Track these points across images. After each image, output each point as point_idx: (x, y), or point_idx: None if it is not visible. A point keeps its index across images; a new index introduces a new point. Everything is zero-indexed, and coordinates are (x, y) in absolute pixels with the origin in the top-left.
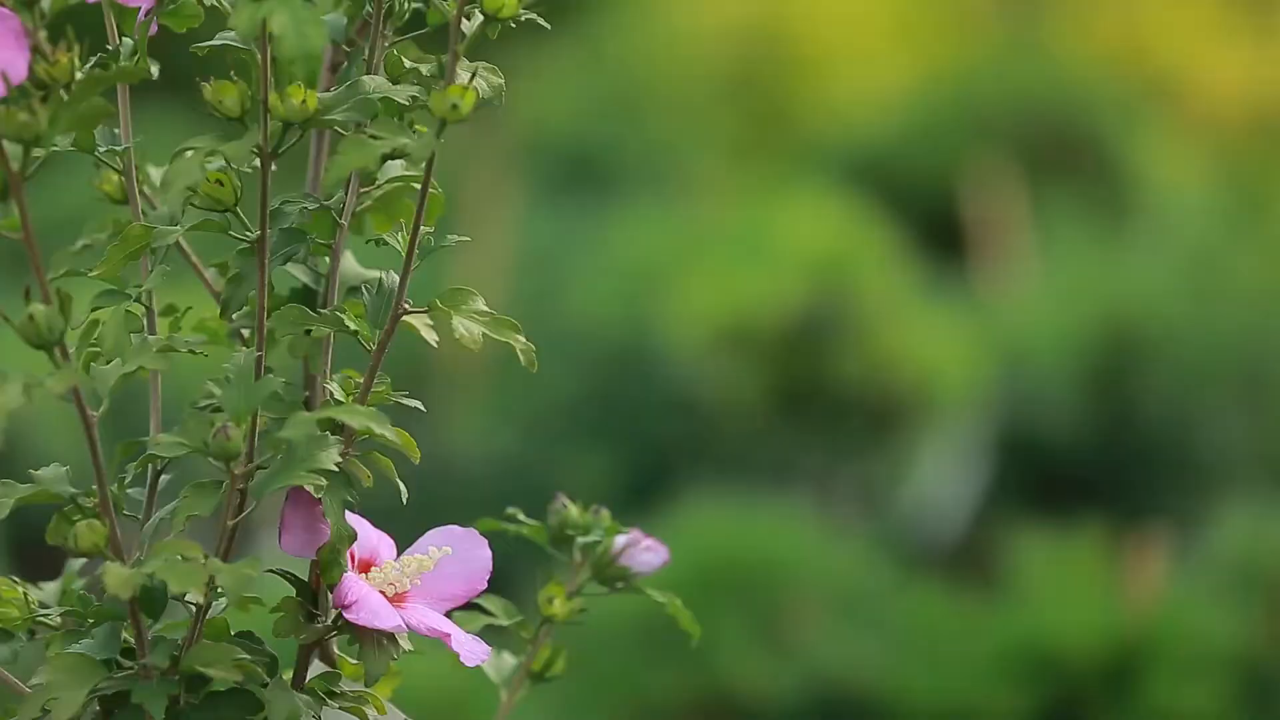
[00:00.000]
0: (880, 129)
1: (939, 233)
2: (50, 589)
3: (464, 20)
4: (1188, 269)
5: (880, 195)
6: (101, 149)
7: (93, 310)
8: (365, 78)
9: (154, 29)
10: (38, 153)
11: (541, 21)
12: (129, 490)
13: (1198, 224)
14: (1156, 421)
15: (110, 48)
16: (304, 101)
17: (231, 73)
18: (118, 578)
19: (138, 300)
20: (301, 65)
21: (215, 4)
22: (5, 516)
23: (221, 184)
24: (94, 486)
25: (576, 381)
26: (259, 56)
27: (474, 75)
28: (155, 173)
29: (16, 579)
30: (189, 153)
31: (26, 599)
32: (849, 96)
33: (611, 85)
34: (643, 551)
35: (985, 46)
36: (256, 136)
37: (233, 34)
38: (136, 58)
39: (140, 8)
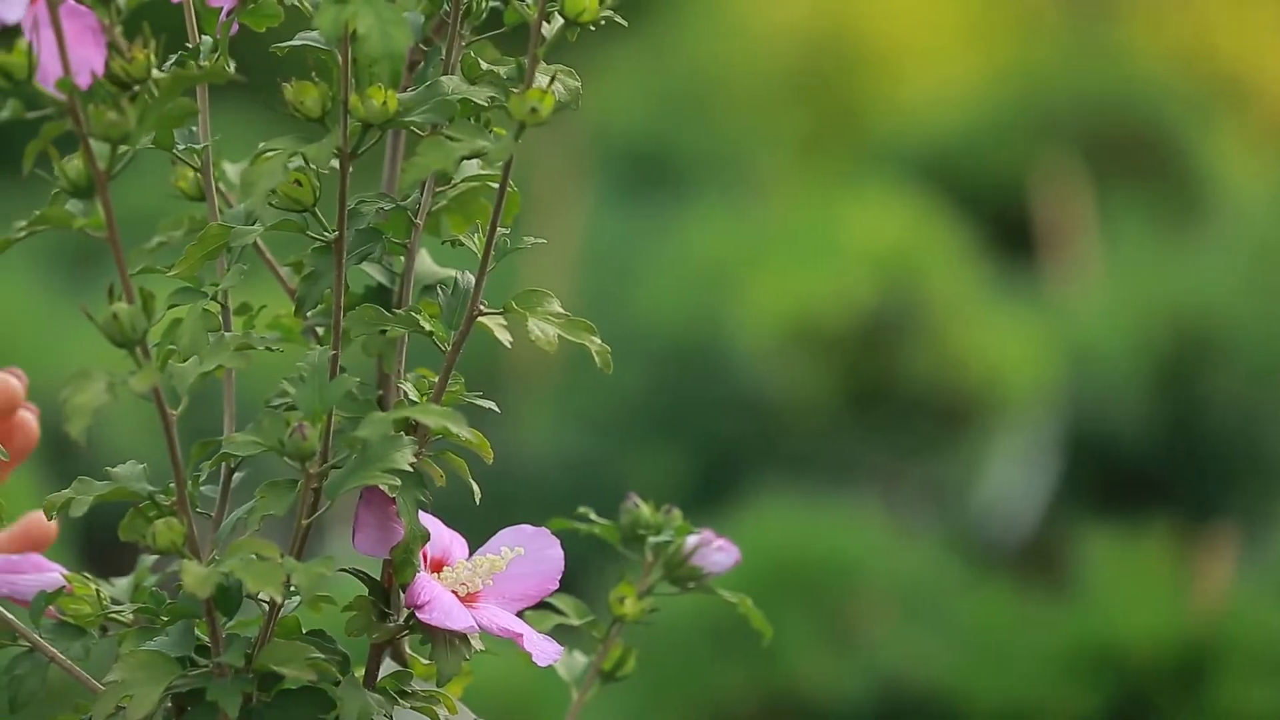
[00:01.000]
0: (948, 127)
1: (1006, 231)
2: (121, 585)
3: (544, 23)
4: (1254, 268)
5: (947, 193)
6: (179, 147)
7: (169, 308)
8: (444, 78)
9: (235, 29)
10: (123, 150)
11: (619, 20)
12: (202, 488)
13: (1265, 223)
14: (1223, 420)
15: (189, 46)
16: (385, 103)
17: (313, 74)
18: (195, 576)
19: (213, 299)
20: (385, 66)
21: (295, 4)
22: (82, 514)
23: (300, 184)
24: (170, 484)
25: (645, 380)
26: (339, 57)
27: (553, 78)
28: (232, 169)
29: (89, 575)
30: (271, 154)
31: (99, 596)
32: (917, 94)
33: (680, 83)
34: (714, 551)
35: (1053, 45)
36: (337, 138)
37: (313, 34)
38: (217, 56)
39: (222, 7)
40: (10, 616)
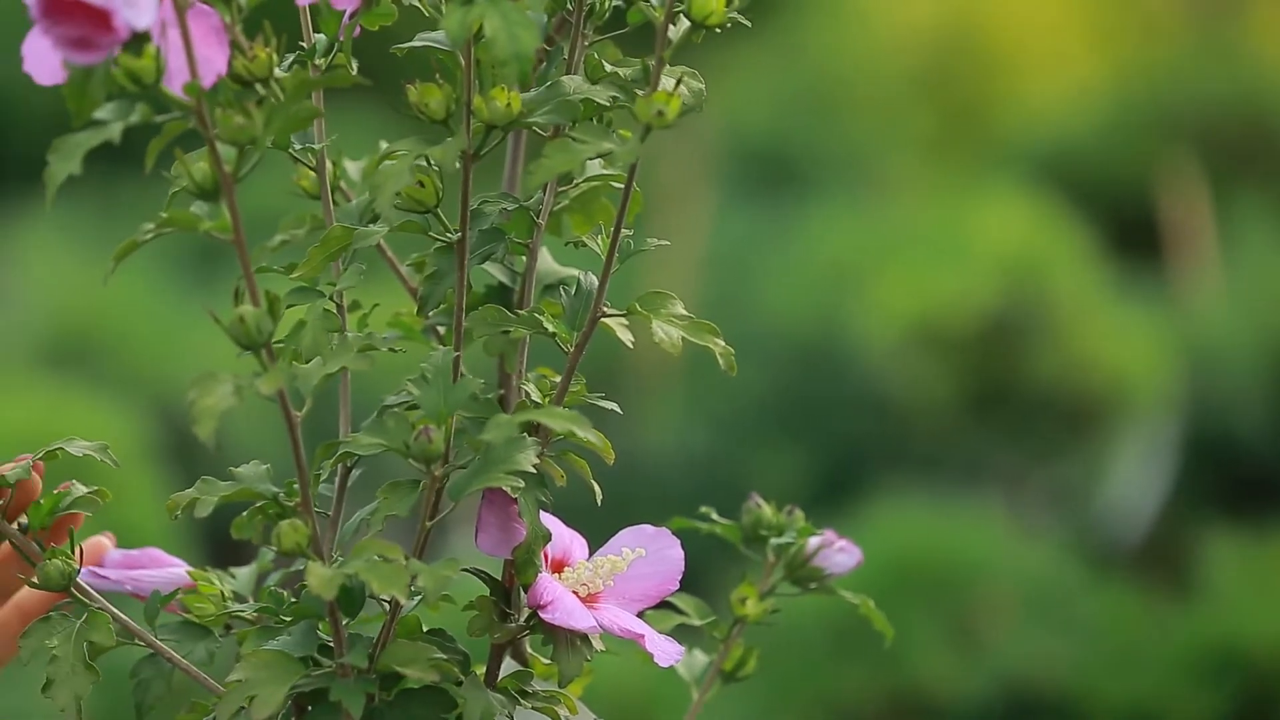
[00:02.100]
0: (1072, 127)
1: (1129, 232)
2: (243, 578)
3: (670, 25)
4: None
5: (1071, 194)
6: (296, 147)
7: (287, 308)
8: (566, 79)
9: (358, 31)
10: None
11: (744, 21)
12: (319, 488)
13: None
14: None
15: (305, 46)
16: (508, 104)
17: (436, 76)
18: (321, 578)
19: (330, 298)
20: (513, 68)
21: (412, 3)
22: (207, 514)
23: (424, 185)
24: (293, 485)
25: (769, 381)
26: (462, 59)
27: (679, 81)
28: (352, 168)
29: (211, 570)
30: (396, 155)
31: (222, 595)
32: (1041, 95)
33: (805, 84)
34: (836, 552)
35: (1176, 45)
36: (462, 139)
37: (435, 35)
38: (332, 56)
39: (345, 9)
40: (132, 622)
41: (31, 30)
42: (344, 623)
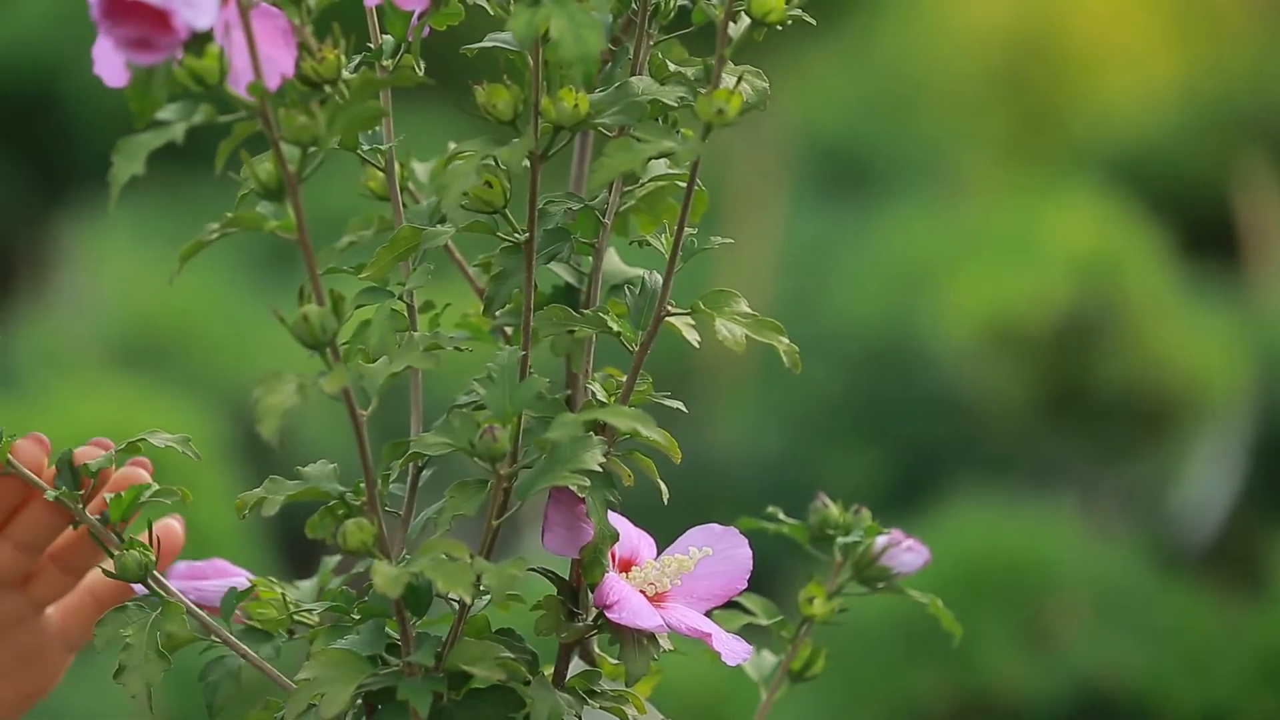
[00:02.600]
0: (1146, 128)
1: (1202, 234)
2: (306, 587)
3: (730, 23)
4: None
5: (1145, 195)
6: (365, 148)
7: (356, 308)
8: (635, 79)
9: (426, 31)
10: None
11: (807, 18)
12: (390, 487)
13: None
14: None
15: (372, 47)
16: (576, 105)
17: (504, 76)
18: (386, 576)
19: (399, 298)
20: (579, 69)
21: (478, 3)
22: (274, 513)
23: (491, 186)
24: (360, 484)
25: (840, 381)
26: (530, 60)
27: (740, 79)
28: (420, 169)
29: (274, 579)
30: (463, 156)
31: (284, 599)
32: (1116, 95)
33: (878, 84)
34: (904, 552)
35: (1251, 47)
36: (529, 140)
37: (503, 36)
38: (399, 56)
39: (414, 11)
40: (204, 616)
41: (99, 32)
42: (411, 621)
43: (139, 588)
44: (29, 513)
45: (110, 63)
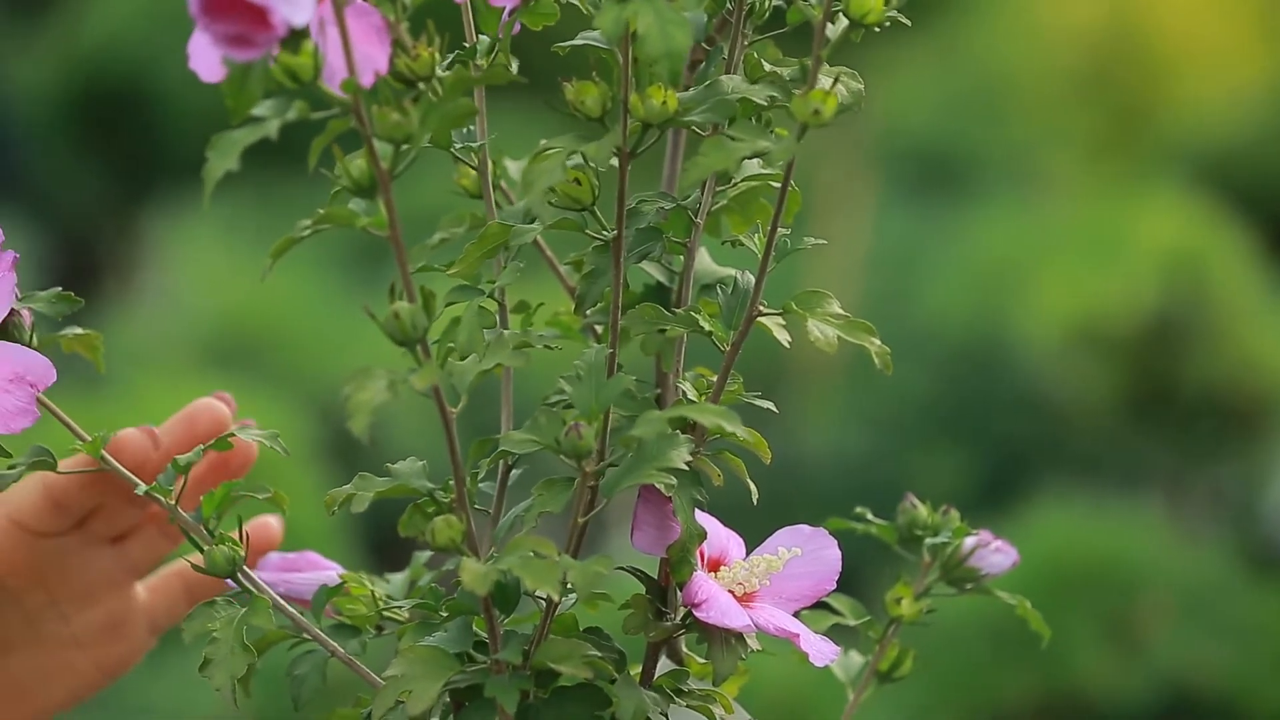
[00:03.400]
0: (1234, 128)
1: None
2: (396, 582)
3: (828, 24)
4: None
5: (1232, 195)
6: (457, 145)
7: (447, 305)
8: (724, 78)
9: (516, 28)
10: (405, 150)
11: (904, 20)
12: (480, 485)
13: None
14: None
15: (467, 45)
16: (664, 102)
17: (593, 73)
18: (474, 573)
19: (490, 296)
20: (665, 65)
21: (574, 2)
22: (363, 510)
23: (579, 183)
24: (450, 481)
25: (929, 381)
26: (620, 57)
27: (836, 80)
28: (513, 167)
29: (364, 575)
30: (550, 152)
31: (374, 596)
32: (1204, 95)
33: (967, 83)
34: (992, 553)
35: None
36: (617, 137)
37: (594, 34)
38: (494, 55)
39: (504, 8)
40: (293, 611)
41: (196, 29)
42: (499, 619)
43: (229, 582)
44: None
45: (206, 58)
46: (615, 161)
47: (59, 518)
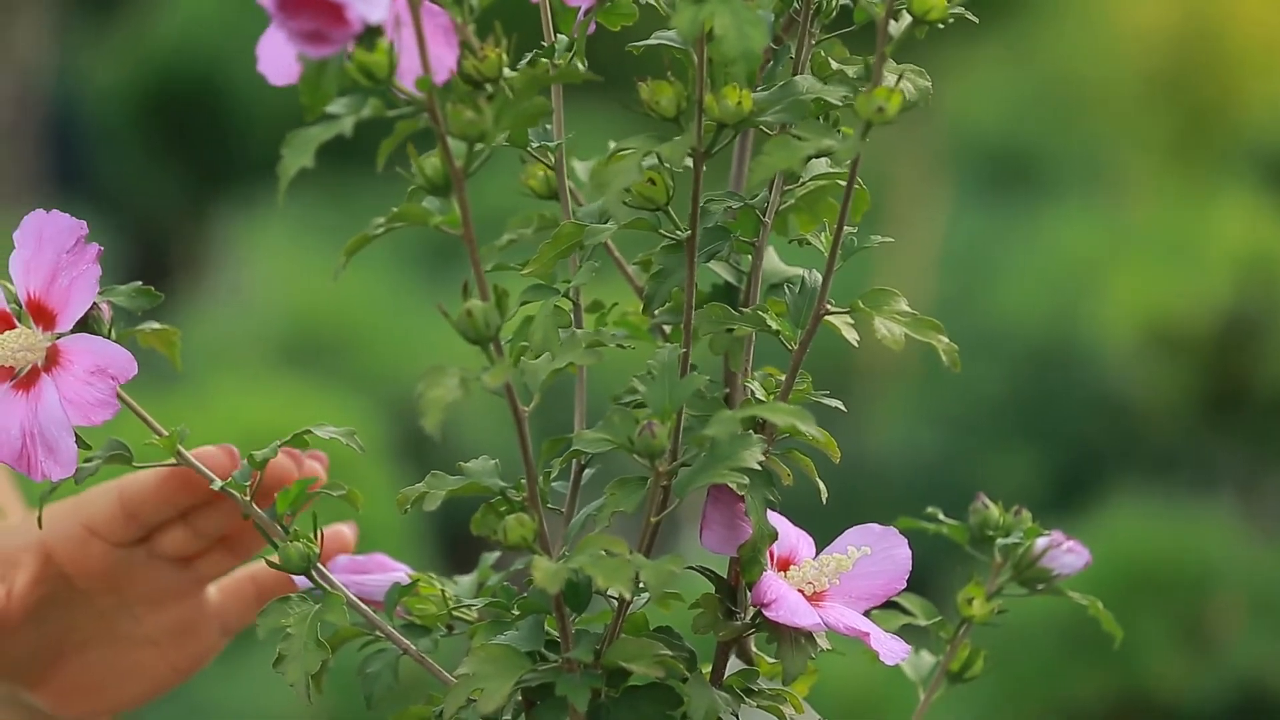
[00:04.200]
0: None
1: None
2: (464, 584)
3: (891, 21)
4: None
5: None
6: (533, 145)
7: (521, 304)
8: (799, 77)
9: (592, 28)
10: (479, 148)
11: (970, 17)
12: (554, 484)
13: None
14: None
15: (543, 44)
16: (740, 102)
17: (668, 73)
18: (545, 572)
19: (565, 296)
20: (742, 66)
21: (650, 2)
22: (435, 508)
23: (654, 183)
24: (522, 480)
25: (1001, 381)
26: (695, 57)
27: (900, 78)
28: (580, 167)
29: (434, 575)
30: (625, 152)
31: (444, 595)
32: (1277, 97)
33: (1041, 83)
34: (1064, 553)
35: None
36: (692, 137)
37: (669, 34)
38: (571, 55)
39: (579, 7)
40: (366, 609)
41: (266, 30)
42: (570, 618)
43: (302, 580)
44: (215, 506)
45: (275, 60)
46: (689, 161)
47: (130, 528)
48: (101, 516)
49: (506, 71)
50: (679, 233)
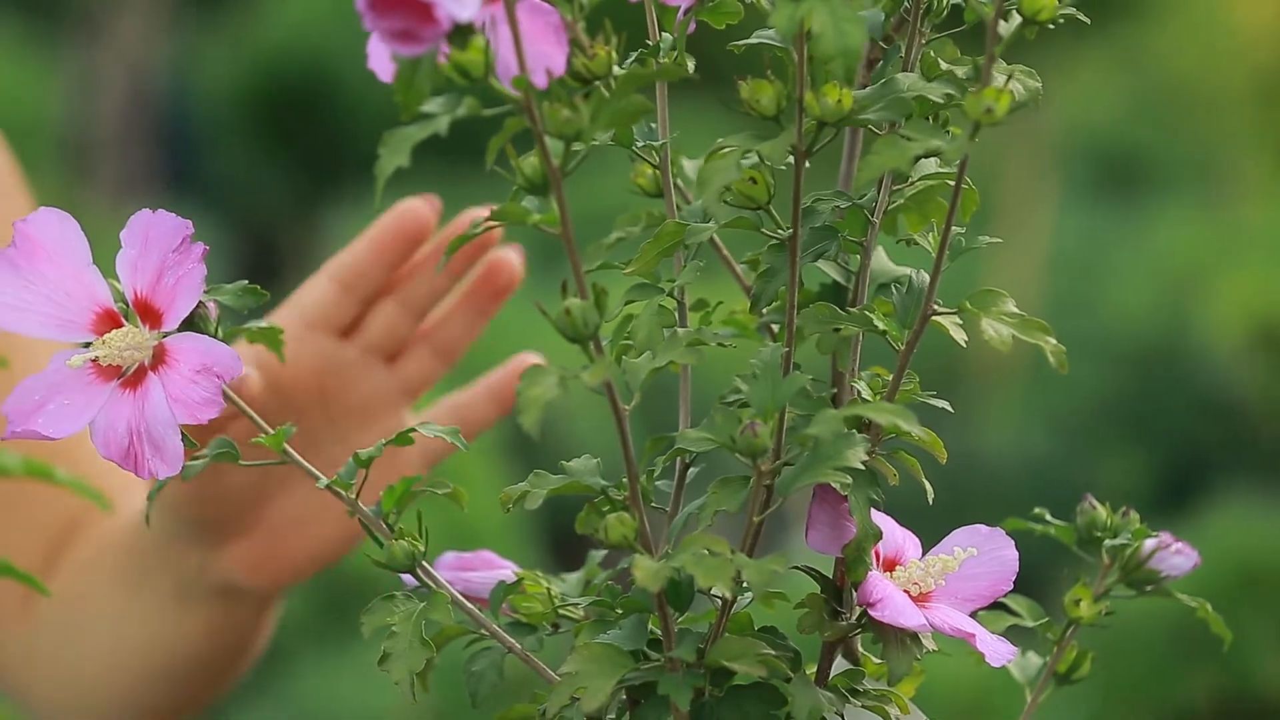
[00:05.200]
0: None
1: None
2: (571, 581)
3: (1001, 22)
4: None
5: None
6: (639, 144)
7: (625, 304)
8: (900, 75)
9: (692, 27)
10: (577, 148)
11: (1080, 17)
12: (657, 483)
13: None
14: None
15: (649, 43)
16: (840, 100)
17: (768, 72)
18: (647, 570)
19: (670, 295)
20: (839, 63)
21: (753, 1)
22: (537, 507)
23: (755, 182)
24: (624, 479)
25: (1109, 382)
26: (795, 55)
27: (1010, 78)
28: (689, 166)
29: (540, 573)
30: (725, 151)
31: (549, 593)
32: None
33: (1150, 84)
34: (1172, 555)
35: None
36: (792, 135)
37: (770, 32)
38: (677, 55)
39: (680, 6)
40: (471, 607)
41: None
42: (673, 617)
43: (408, 579)
44: (419, 271)
45: (385, 58)
46: (791, 160)
47: (345, 302)
48: (316, 301)
49: (616, 70)
50: (781, 232)
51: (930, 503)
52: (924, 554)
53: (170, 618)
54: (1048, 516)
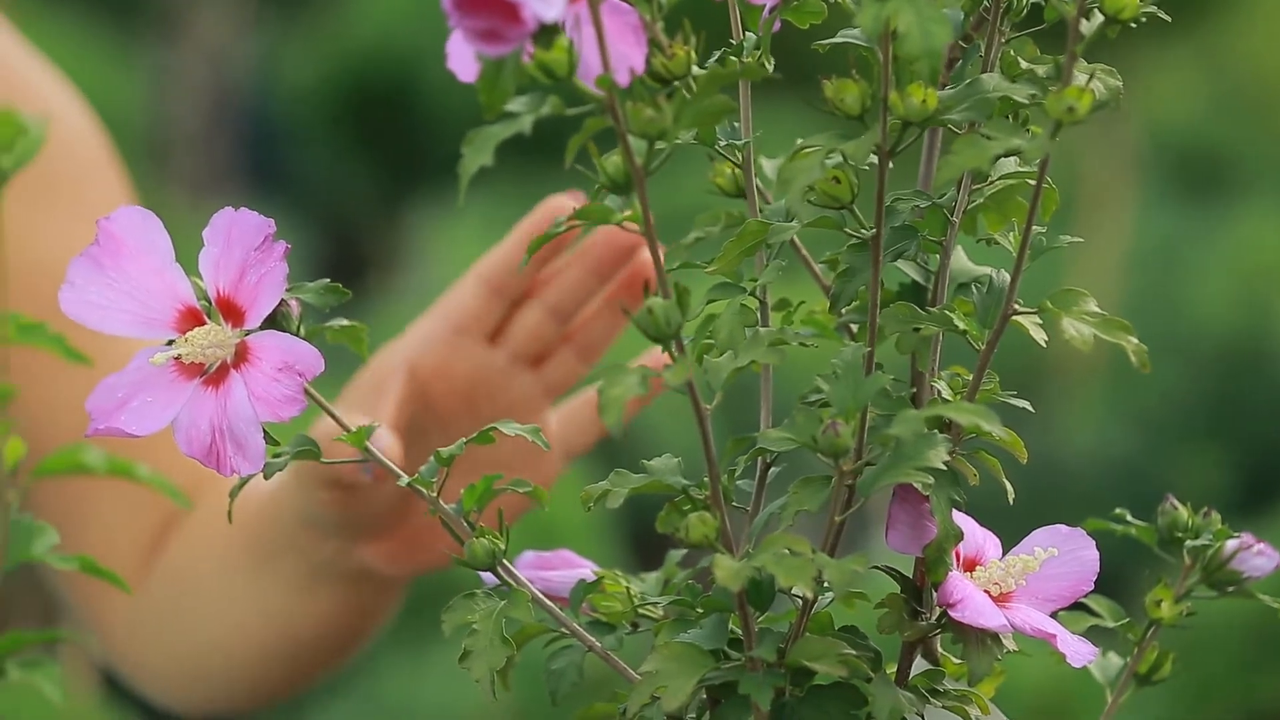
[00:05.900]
0: None
1: None
2: (651, 581)
3: (1083, 20)
4: None
5: None
6: (721, 143)
7: (708, 303)
8: (984, 75)
9: (777, 26)
10: (660, 147)
11: (1162, 15)
12: (738, 482)
13: None
14: None
15: (732, 42)
16: (924, 100)
17: (852, 71)
18: (727, 570)
19: (752, 294)
20: (924, 63)
21: (838, 0)
22: (618, 506)
23: (838, 181)
24: (705, 478)
25: (1191, 381)
26: (880, 55)
27: (1091, 77)
28: (769, 165)
29: (620, 572)
30: (809, 150)
31: (629, 592)
32: None
33: (1232, 83)
34: (1254, 556)
35: None
36: (876, 135)
37: (854, 32)
38: (760, 54)
39: (765, 5)
40: (551, 605)
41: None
42: (754, 616)
43: (488, 577)
44: (565, 275)
45: (464, 58)
46: (874, 159)
47: (494, 305)
48: (464, 306)
49: (695, 69)
50: (864, 231)
51: (1011, 503)
52: (1004, 554)
53: (297, 598)
54: (1129, 517)
